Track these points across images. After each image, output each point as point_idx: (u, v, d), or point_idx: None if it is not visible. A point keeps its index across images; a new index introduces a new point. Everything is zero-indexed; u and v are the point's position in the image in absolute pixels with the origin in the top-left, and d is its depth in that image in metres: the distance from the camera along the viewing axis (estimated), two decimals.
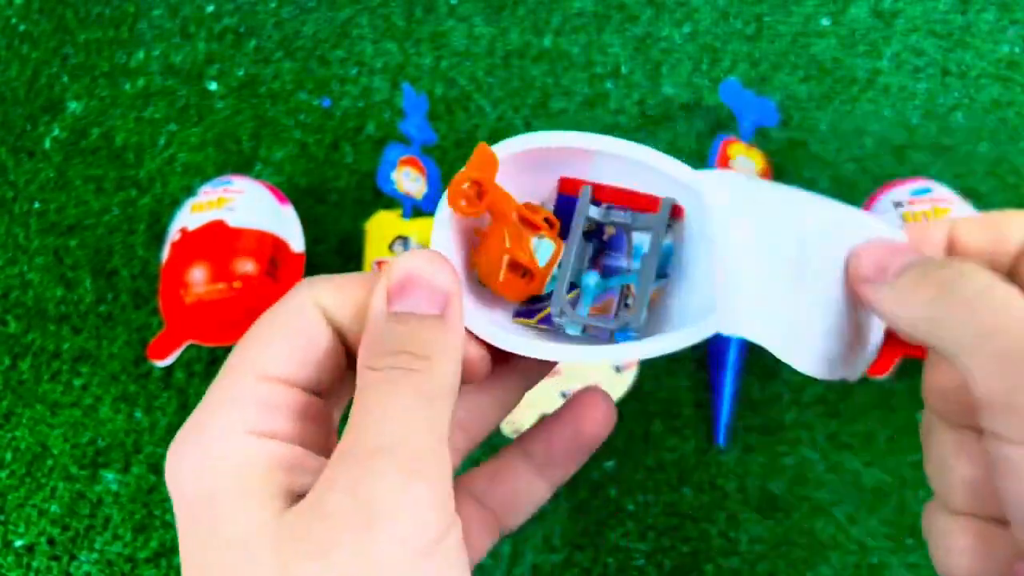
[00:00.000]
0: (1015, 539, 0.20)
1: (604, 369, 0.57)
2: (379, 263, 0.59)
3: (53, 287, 0.64)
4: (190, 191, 0.63)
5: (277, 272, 0.58)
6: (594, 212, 0.27)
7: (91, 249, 0.65)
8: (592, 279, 0.28)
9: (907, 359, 0.54)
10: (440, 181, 0.63)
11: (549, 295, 0.27)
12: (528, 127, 0.68)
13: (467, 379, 0.24)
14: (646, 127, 0.68)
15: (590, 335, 0.27)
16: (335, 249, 0.64)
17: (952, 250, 0.23)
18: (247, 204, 0.59)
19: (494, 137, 0.69)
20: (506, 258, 0.26)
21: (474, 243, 0.27)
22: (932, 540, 0.23)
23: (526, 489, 0.27)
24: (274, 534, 0.19)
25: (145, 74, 0.72)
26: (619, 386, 0.57)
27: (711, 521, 0.55)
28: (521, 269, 0.26)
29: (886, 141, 0.67)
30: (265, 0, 0.75)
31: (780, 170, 0.65)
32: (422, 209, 0.61)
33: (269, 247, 0.58)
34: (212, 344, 0.58)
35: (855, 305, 0.23)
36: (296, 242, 0.60)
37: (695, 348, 0.39)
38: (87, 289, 0.64)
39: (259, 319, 0.23)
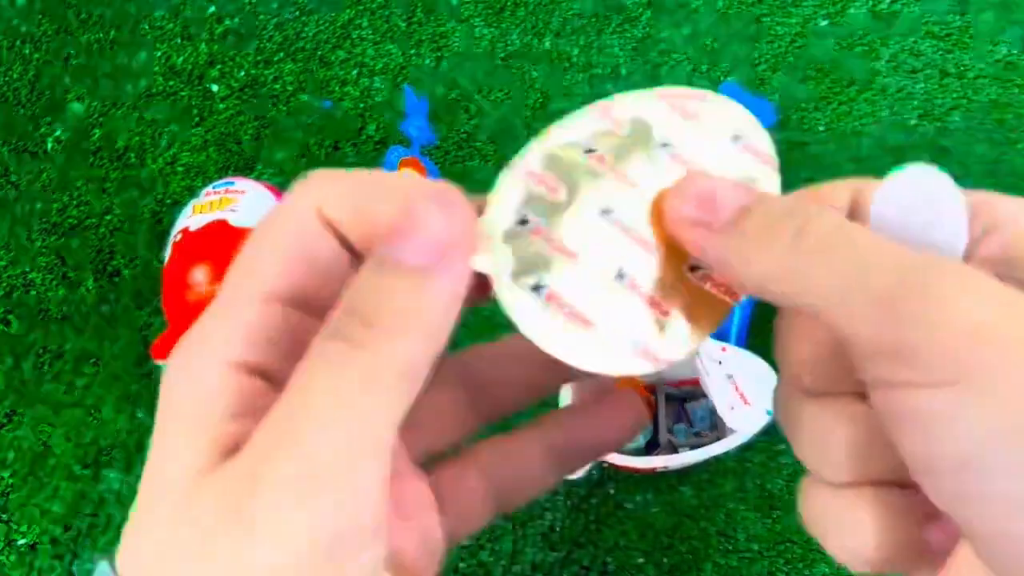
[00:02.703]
0: (919, 499, 0.18)
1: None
2: None
3: (55, 287, 0.64)
4: (191, 191, 0.63)
5: None
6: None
7: (93, 249, 0.65)
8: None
9: None
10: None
11: None
12: (528, 128, 0.68)
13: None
14: None
15: None
16: None
17: (854, 215, 0.20)
18: (249, 205, 0.59)
19: (494, 137, 0.70)
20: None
21: None
22: (823, 524, 0.20)
23: (536, 476, 0.26)
24: (175, 503, 0.18)
25: (147, 75, 0.72)
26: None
27: (710, 520, 0.55)
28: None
29: (884, 142, 0.67)
30: (267, 2, 0.75)
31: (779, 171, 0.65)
32: None
33: None
34: None
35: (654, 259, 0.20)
36: None
37: None
38: (89, 289, 0.64)
39: (256, 230, 0.20)
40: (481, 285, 0.20)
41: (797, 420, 0.21)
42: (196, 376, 0.19)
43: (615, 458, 0.52)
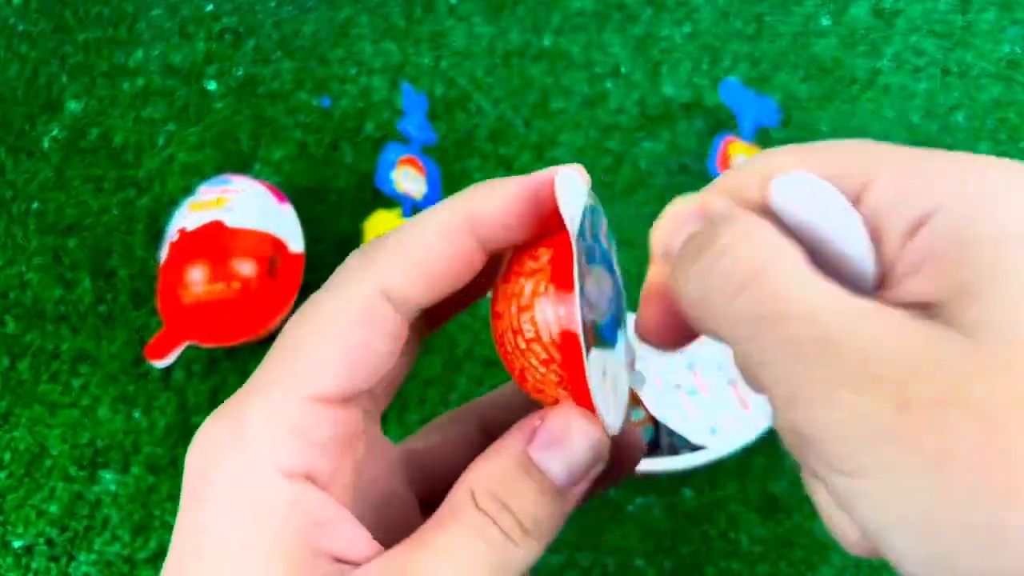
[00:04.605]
0: None
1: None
2: None
3: (52, 287, 0.64)
4: (189, 191, 0.63)
5: (276, 272, 0.58)
6: None
7: (90, 249, 0.65)
8: None
9: None
10: (440, 181, 0.63)
11: None
12: (528, 127, 0.68)
13: None
14: (646, 127, 0.68)
15: None
16: (334, 249, 0.64)
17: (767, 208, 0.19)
18: (246, 204, 0.59)
19: (493, 135, 0.69)
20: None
21: None
22: (821, 511, 0.20)
23: None
24: None
25: (144, 74, 0.72)
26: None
27: (711, 522, 0.55)
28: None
29: (886, 141, 0.67)
30: (264, 0, 0.74)
31: None
32: (421, 209, 0.61)
33: (268, 247, 0.58)
34: (211, 345, 0.58)
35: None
36: (295, 242, 0.60)
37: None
38: (86, 289, 0.64)
39: (304, 313, 0.19)
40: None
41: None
42: (250, 485, 0.19)
43: None
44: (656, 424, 0.57)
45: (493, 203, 0.20)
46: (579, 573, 0.54)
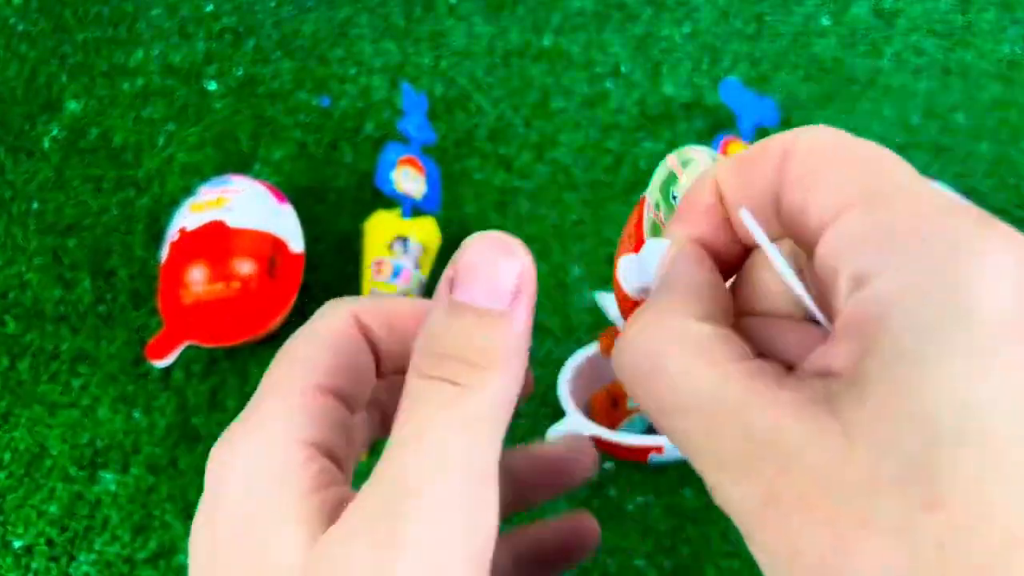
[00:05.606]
0: None
1: None
2: (378, 263, 0.59)
3: (51, 287, 0.64)
4: (189, 191, 0.63)
5: (276, 272, 0.58)
6: None
7: (90, 249, 0.65)
8: None
9: None
10: (440, 181, 0.63)
11: None
12: (528, 126, 0.68)
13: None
14: (646, 126, 0.68)
15: None
16: (334, 249, 0.64)
17: (721, 207, 0.20)
18: (246, 204, 0.59)
19: (493, 135, 0.69)
20: None
21: None
22: None
23: None
24: (302, 568, 0.18)
25: (144, 74, 0.72)
26: None
27: (712, 522, 0.55)
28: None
29: (887, 141, 0.67)
30: (264, 0, 0.74)
31: None
32: (421, 208, 0.61)
33: (268, 247, 0.58)
34: (211, 344, 0.57)
35: None
36: (295, 242, 0.60)
37: None
38: (86, 289, 0.64)
39: (300, 331, 0.22)
40: None
41: None
42: (270, 453, 0.20)
43: (608, 434, 0.52)
44: None
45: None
46: (579, 573, 0.54)
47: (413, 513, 0.17)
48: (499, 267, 0.19)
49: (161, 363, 0.57)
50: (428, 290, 0.62)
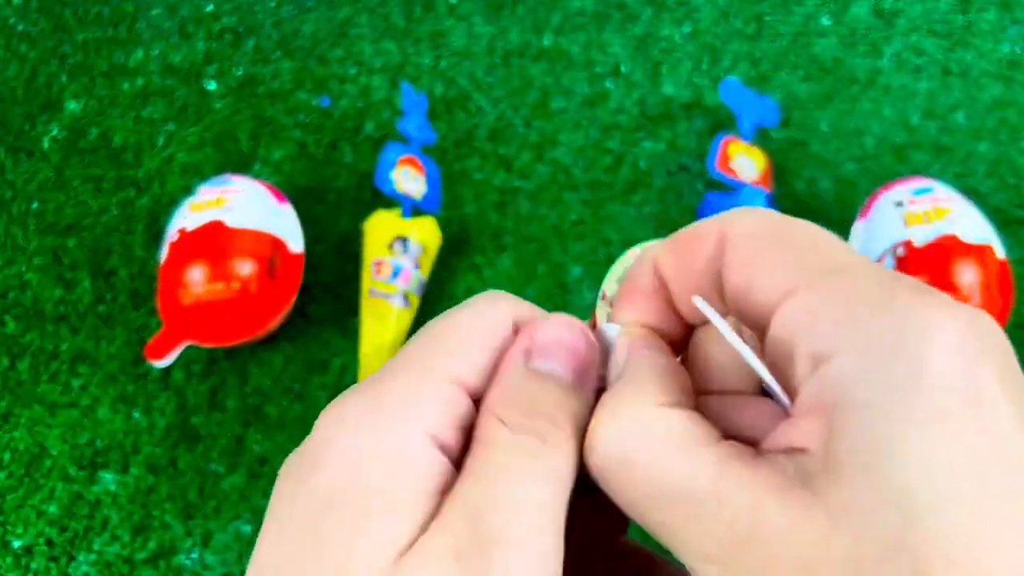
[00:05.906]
0: None
1: None
2: (378, 263, 0.59)
3: (51, 287, 0.64)
4: (188, 191, 0.63)
5: (276, 272, 0.58)
6: None
7: (89, 249, 0.65)
8: None
9: None
10: (440, 181, 0.63)
11: None
12: (528, 126, 0.68)
13: None
14: (646, 126, 0.68)
15: None
16: (334, 249, 0.64)
17: (663, 289, 0.21)
18: (246, 204, 0.59)
19: (494, 136, 0.69)
20: None
21: None
22: None
23: None
24: None
25: (144, 74, 0.72)
26: None
27: None
28: None
29: (887, 141, 0.67)
30: (264, 0, 0.74)
31: (781, 170, 0.65)
32: (421, 208, 0.61)
33: (268, 247, 0.58)
34: (210, 344, 0.57)
35: None
36: (295, 242, 0.60)
37: None
38: (85, 289, 0.64)
39: (448, 319, 0.21)
40: None
41: None
42: (401, 447, 0.19)
43: None
44: None
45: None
46: None
47: (499, 562, 0.17)
48: (576, 343, 0.20)
49: (161, 363, 0.57)
50: (428, 290, 0.62)
